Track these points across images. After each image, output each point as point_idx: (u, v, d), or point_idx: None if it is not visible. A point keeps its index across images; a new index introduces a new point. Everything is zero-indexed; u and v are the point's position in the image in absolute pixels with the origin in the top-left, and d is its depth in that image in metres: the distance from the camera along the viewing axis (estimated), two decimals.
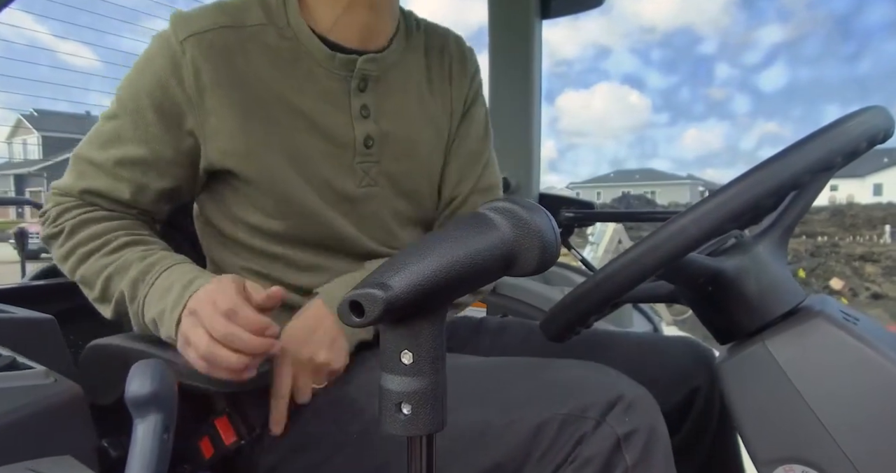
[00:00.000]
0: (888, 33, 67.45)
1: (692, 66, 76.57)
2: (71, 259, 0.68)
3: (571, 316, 0.56)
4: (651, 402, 0.54)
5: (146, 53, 0.68)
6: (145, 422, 0.37)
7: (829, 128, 0.47)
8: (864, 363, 0.48)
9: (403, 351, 0.32)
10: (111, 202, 0.70)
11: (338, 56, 0.70)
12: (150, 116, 0.67)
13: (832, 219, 16.78)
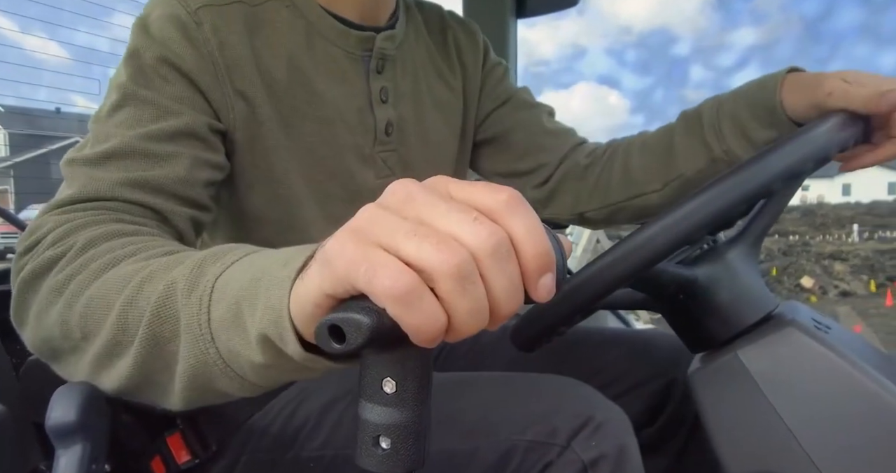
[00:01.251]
0: (857, 37, 70.94)
1: (667, 67, 78.24)
2: (75, 281, 0.41)
3: (539, 327, 0.54)
4: (622, 422, 0.51)
5: (139, 35, 0.56)
6: (68, 453, 0.33)
7: (800, 134, 0.45)
8: (836, 373, 0.47)
9: (386, 379, 0.28)
10: (156, 193, 0.50)
11: (353, 33, 0.64)
12: (169, 89, 0.54)
13: (803, 218, 17.19)
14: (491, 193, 0.26)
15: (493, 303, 0.26)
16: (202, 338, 0.34)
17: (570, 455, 0.48)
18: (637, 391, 0.75)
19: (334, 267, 0.26)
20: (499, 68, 0.82)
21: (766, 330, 0.52)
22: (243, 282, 0.32)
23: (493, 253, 0.25)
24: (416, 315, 0.24)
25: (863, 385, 0.46)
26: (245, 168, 0.60)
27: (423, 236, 0.24)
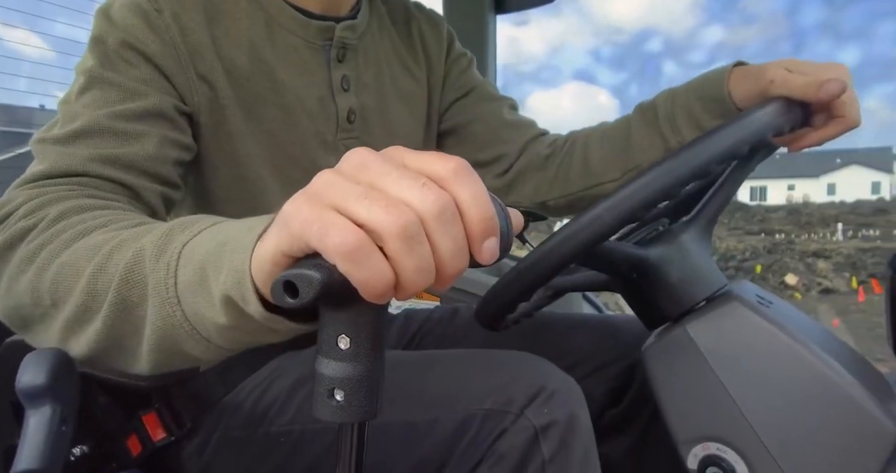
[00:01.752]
0: (820, 33, 73.89)
1: (640, 64, 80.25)
2: (46, 250, 0.43)
3: (499, 304, 0.57)
4: (574, 392, 0.54)
5: (101, 22, 0.57)
6: (38, 414, 0.35)
7: (736, 119, 0.48)
8: (775, 345, 0.50)
9: (341, 336, 0.30)
10: (127, 169, 0.52)
11: (313, 23, 0.65)
12: (134, 72, 0.55)
13: (789, 217, 17.40)
14: (440, 161, 0.28)
15: (439, 263, 0.28)
16: (169, 301, 0.35)
17: (523, 422, 0.50)
18: (602, 372, 0.77)
19: (290, 226, 0.28)
20: (463, 59, 0.84)
21: (713, 306, 0.55)
22: (209, 247, 0.34)
23: (439, 215, 0.27)
24: (365, 271, 0.26)
25: (799, 355, 0.49)
26: (210, 150, 0.62)
27: (373, 199, 0.26)
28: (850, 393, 0.46)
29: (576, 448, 0.51)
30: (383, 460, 0.55)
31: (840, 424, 0.46)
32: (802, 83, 0.53)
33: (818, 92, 0.52)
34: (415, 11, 0.81)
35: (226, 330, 0.35)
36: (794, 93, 0.53)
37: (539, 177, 0.81)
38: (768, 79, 0.56)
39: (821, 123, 0.57)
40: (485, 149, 0.82)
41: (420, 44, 0.79)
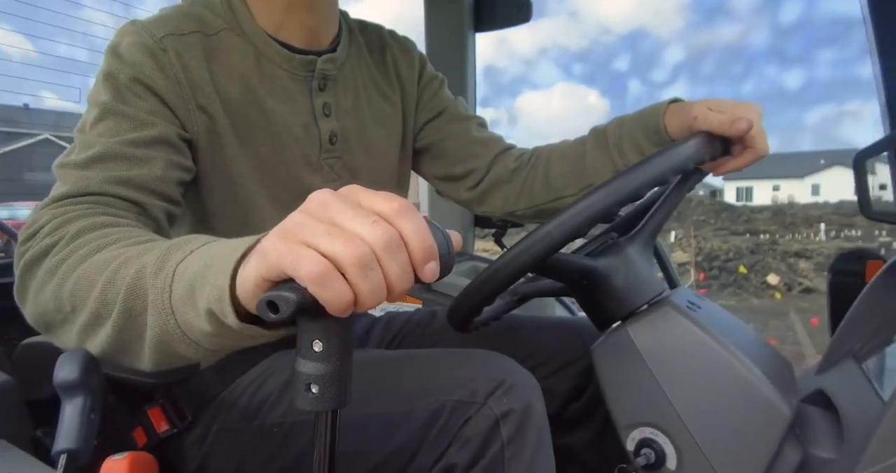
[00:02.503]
0: (766, 58, 77.07)
1: (609, 80, 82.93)
2: (66, 263, 0.49)
3: (466, 309, 0.64)
4: (530, 385, 0.62)
5: (112, 59, 0.64)
6: (72, 403, 0.43)
7: (662, 151, 0.57)
8: (698, 344, 0.58)
9: (315, 341, 0.36)
10: (137, 189, 0.59)
11: (297, 57, 0.73)
12: (142, 104, 0.62)
13: (774, 217, 17.61)
14: (387, 201, 0.35)
15: (389, 284, 0.35)
16: (164, 311, 0.42)
17: (486, 411, 0.58)
18: (565, 370, 0.85)
19: (268, 258, 0.35)
20: (434, 81, 0.91)
21: (651, 310, 0.63)
22: (198, 267, 0.41)
23: (386, 247, 0.34)
24: (329, 292, 0.33)
25: (717, 352, 0.57)
26: (207, 172, 0.69)
27: (334, 235, 0.33)
28: (755, 384, 0.55)
29: (531, 432, 0.59)
30: (366, 447, 0.63)
31: (746, 410, 0.55)
32: (719, 120, 0.62)
33: (731, 128, 0.61)
34: (389, 40, 0.88)
35: (210, 337, 0.41)
36: (713, 128, 0.63)
37: (507, 190, 0.89)
38: (693, 116, 0.65)
39: (738, 153, 0.66)
40: (457, 165, 0.90)
41: (394, 70, 0.87)
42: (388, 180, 0.86)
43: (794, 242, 12.49)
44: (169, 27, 0.66)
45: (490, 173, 0.89)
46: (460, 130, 0.90)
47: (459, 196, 0.93)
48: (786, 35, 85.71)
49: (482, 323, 0.75)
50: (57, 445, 0.41)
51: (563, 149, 0.85)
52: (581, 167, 0.81)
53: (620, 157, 0.76)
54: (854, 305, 0.69)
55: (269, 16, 0.71)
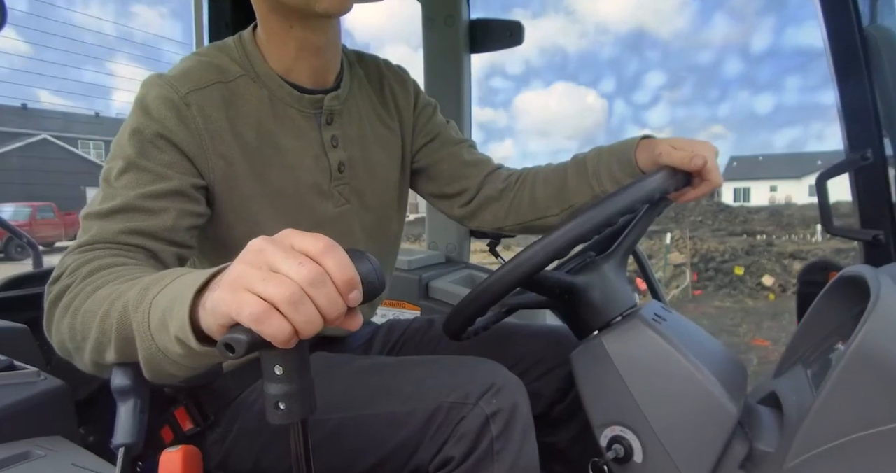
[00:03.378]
0: (740, 84, 78.51)
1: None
2: (77, 300, 0.58)
3: (461, 320, 0.72)
4: (517, 386, 0.70)
5: (139, 114, 0.71)
6: (126, 405, 0.51)
7: (630, 184, 0.65)
8: (660, 352, 0.67)
9: (276, 366, 0.42)
10: (149, 237, 0.66)
11: (306, 97, 0.80)
12: (163, 157, 0.69)
13: (771, 218, 17.68)
14: (313, 242, 0.41)
15: (322, 312, 0.40)
16: (146, 338, 0.49)
17: (477, 410, 0.67)
18: (551, 375, 0.93)
19: (218, 308, 0.41)
20: (428, 108, 0.99)
21: (622, 322, 0.72)
22: (167, 301, 0.48)
23: (312, 283, 0.39)
24: (269, 328, 0.39)
25: (676, 360, 0.66)
26: (225, 211, 0.76)
27: (268, 279, 0.39)
28: (708, 387, 0.63)
29: (517, 428, 0.68)
30: (374, 443, 0.71)
31: (700, 410, 0.63)
32: (680, 157, 0.71)
33: (689, 164, 0.71)
34: (385, 71, 0.95)
35: (184, 357, 0.48)
36: (675, 163, 0.72)
37: (496, 207, 0.97)
38: (658, 153, 0.74)
39: (697, 184, 0.75)
40: (450, 184, 0.98)
41: (392, 99, 0.94)
42: (391, 199, 0.94)
43: (790, 243, 12.58)
44: (192, 82, 0.73)
45: (481, 192, 0.98)
46: (453, 153, 0.98)
47: (453, 212, 1.01)
48: (756, 62, 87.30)
49: (475, 332, 0.83)
50: (115, 440, 0.50)
51: (546, 174, 0.93)
52: (563, 191, 0.90)
53: (598, 184, 0.85)
54: (805, 316, 0.78)
55: (281, 60, 0.79)
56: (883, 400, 0.51)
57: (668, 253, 10.75)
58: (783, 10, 78.94)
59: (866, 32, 1.03)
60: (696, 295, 9.26)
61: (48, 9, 37.86)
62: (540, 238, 0.66)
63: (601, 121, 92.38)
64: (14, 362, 0.64)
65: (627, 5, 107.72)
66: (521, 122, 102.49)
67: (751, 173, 36.37)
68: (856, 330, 0.53)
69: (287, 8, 0.73)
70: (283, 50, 0.78)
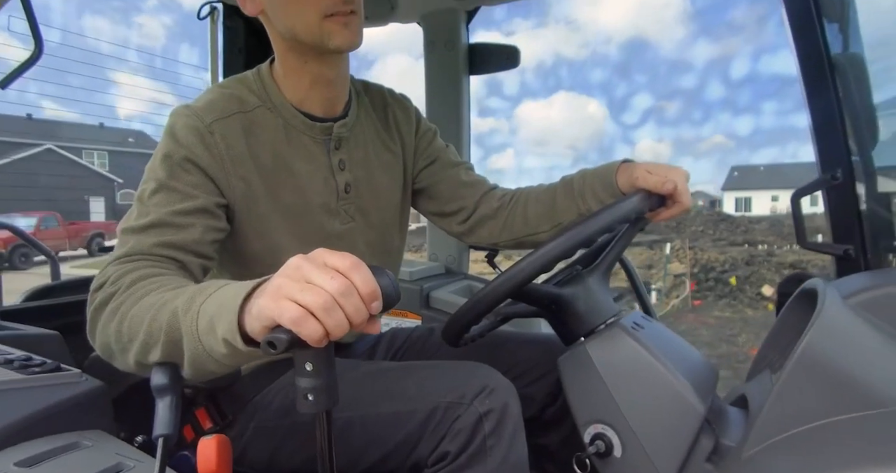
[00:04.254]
0: (722, 106, 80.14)
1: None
2: (123, 306, 0.64)
3: (457, 328, 0.80)
4: (508, 388, 0.78)
5: (169, 141, 0.79)
6: (163, 401, 0.58)
7: (609, 206, 0.73)
8: (638, 358, 0.74)
9: (307, 363, 0.49)
10: (179, 250, 0.73)
11: (318, 125, 0.88)
12: (190, 178, 0.77)
13: (772, 228, 17.72)
14: (342, 260, 0.50)
15: (349, 318, 0.49)
16: (194, 339, 0.57)
17: (472, 410, 0.74)
18: (543, 380, 1.00)
19: (263, 313, 0.49)
20: (429, 133, 1.07)
21: (604, 330, 0.79)
22: (214, 308, 0.56)
23: (342, 293, 0.48)
24: (306, 330, 0.47)
25: (651, 364, 0.73)
26: (243, 227, 0.84)
27: (305, 290, 0.48)
28: (678, 389, 0.70)
29: (507, 426, 0.75)
30: (379, 439, 0.78)
31: (672, 409, 0.70)
32: (654, 181, 0.80)
33: (662, 188, 0.79)
34: (389, 99, 1.03)
35: (228, 356, 0.56)
36: (649, 187, 0.81)
37: (492, 225, 1.05)
38: (635, 177, 0.82)
39: (670, 205, 0.84)
40: (449, 203, 1.06)
41: (395, 125, 1.02)
42: (392, 217, 1.01)
43: (791, 253, 12.61)
44: (216, 113, 0.81)
45: (477, 211, 1.06)
46: (451, 175, 1.06)
47: (452, 229, 1.09)
48: (736, 87, 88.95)
49: (471, 339, 0.90)
50: (155, 431, 0.57)
51: (537, 194, 1.02)
52: (552, 209, 0.98)
53: (583, 203, 0.93)
54: (774, 325, 0.85)
55: (296, 91, 0.87)
56: (824, 397, 0.58)
57: (668, 263, 10.81)
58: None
59: (834, 59, 1.11)
60: (695, 305, 9.30)
61: (77, 39, 38.35)
62: (528, 254, 0.73)
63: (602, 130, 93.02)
64: (60, 364, 0.72)
65: (627, 14, 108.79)
66: (521, 133, 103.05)
67: (752, 183, 36.46)
68: (801, 337, 0.60)
69: (303, 45, 0.82)
70: (299, 82, 0.87)
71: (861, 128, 1.12)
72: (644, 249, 11.86)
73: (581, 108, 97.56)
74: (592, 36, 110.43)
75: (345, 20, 0.79)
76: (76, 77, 33.00)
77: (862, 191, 1.12)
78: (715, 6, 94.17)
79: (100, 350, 0.68)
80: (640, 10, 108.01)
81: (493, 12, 1.61)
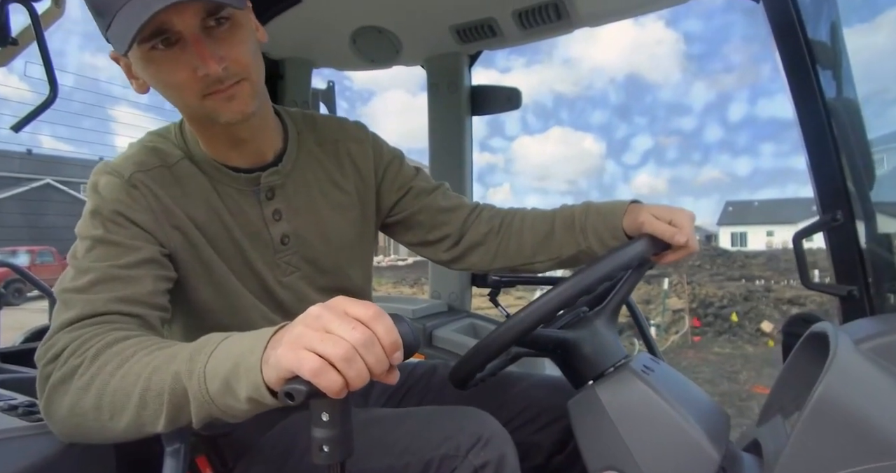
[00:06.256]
0: (719, 148, 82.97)
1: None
2: (97, 380, 0.60)
3: (465, 372, 0.79)
4: (503, 437, 0.74)
5: (95, 197, 0.76)
6: (172, 446, 0.57)
7: (611, 252, 0.74)
8: (649, 402, 0.73)
9: (323, 413, 0.49)
10: (134, 304, 0.70)
11: (242, 176, 0.84)
12: (126, 232, 0.74)
13: (768, 263, 17.75)
14: (364, 310, 0.49)
15: (370, 369, 0.48)
16: (205, 402, 0.55)
17: (467, 463, 0.71)
18: (551, 427, 0.96)
19: (281, 364, 0.49)
20: (394, 162, 1.01)
21: (614, 373, 0.78)
22: (228, 367, 0.54)
23: (364, 344, 0.47)
24: (325, 382, 0.46)
25: (664, 409, 0.72)
26: (189, 276, 0.81)
27: (325, 340, 0.47)
28: (692, 435, 0.69)
29: None
30: None
31: (686, 455, 0.69)
32: (661, 229, 0.81)
33: (672, 239, 0.80)
34: (340, 134, 0.97)
35: (250, 412, 0.55)
36: (656, 233, 0.81)
37: (482, 251, 1.02)
38: (640, 221, 0.83)
39: (675, 249, 0.84)
40: (432, 232, 1.02)
41: (349, 160, 0.96)
42: (349, 259, 0.96)
43: (789, 289, 12.60)
44: (136, 165, 0.78)
45: (465, 237, 1.02)
46: (428, 203, 1.01)
47: (438, 257, 1.05)
48: (734, 130, 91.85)
49: (481, 380, 0.89)
50: None
51: (532, 220, 0.99)
52: (550, 241, 0.97)
53: (584, 241, 0.93)
54: (782, 369, 0.84)
55: (215, 147, 0.83)
56: (841, 446, 0.57)
57: (666, 299, 10.77)
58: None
59: (830, 105, 1.14)
60: (695, 342, 9.23)
61: (92, 83, 39.41)
62: (529, 303, 0.73)
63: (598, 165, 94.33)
64: None
65: (621, 52, 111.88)
66: (518, 165, 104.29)
67: (746, 218, 36.74)
68: (816, 384, 0.60)
69: (200, 119, 0.79)
70: (214, 141, 0.83)
71: (859, 171, 1.14)
72: (642, 284, 11.82)
73: (576, 143, 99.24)
74: (587, 72, 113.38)
75: (227, 94, 0.73)
76: (81, 117, 33.58)
77: (864, 231, 1.13)
78: (710, 53, 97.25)
79: (68, 431, 0.64)
80: (634, 47, 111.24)
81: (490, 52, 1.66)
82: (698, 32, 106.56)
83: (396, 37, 1.60)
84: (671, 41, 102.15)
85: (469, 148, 1.77)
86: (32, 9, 1.01)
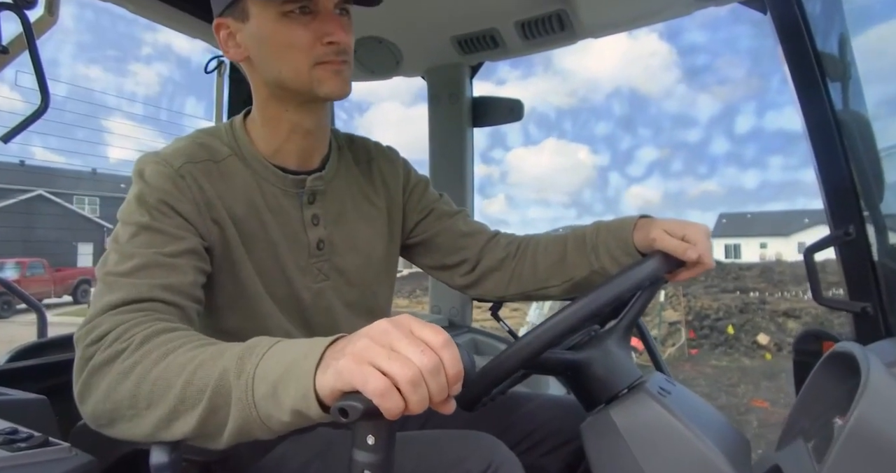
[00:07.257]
0: (726, 161, 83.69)
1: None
2: (139, 367, 0.58)
3: (473, 394, 0.76)
4: (513, 464, 0.72)
5: (141, 185, 0.75)
6: None
7: (624, 270, 0.71)
8: (667, 425, 0.70)
9: (369, 435, 0.45)
10: (177, 293, 0.68)
11: (289, 177, 0.85)
12: (171, 221, 0.73)
13: (763, 275, 17.79)
14: (434, 334, 0.47)
15: (431, 396, 0.46)
16: (248, 406, 0.52)
17: None
18: (560, 450, 0.94)
19: (343, 376, 0.46)
20: (420, 185, 1.03)
21: (629, 395, 0.75)
22: (279, 371, 0.50)
23: (431, 371, 0.45)
24: (388, 403, 0.44)
25: (681, 432, 0.69)
26: (218, 273, 0.79)
27: (393, 359, 0.45)
28: (714, 460, 0.66)
29: None
30: None
31: None
32: (674, 245, 0.78)
33: (684, 255, 0.77)
34: (374, 153, 1.00)
35: (288, 425, 0.52)
36: (668, 250, 0.78)
37: (498, 277, 1.01)
38: (652, 237, 0.80)
39: (690, 265, 0.80)
40: (449, 256, 1.02)
41: (380, 178, 0.98)
42: (376, 274, 0.96)
43: (783, 301, 12.62)
44: (185, 157, 0.78)
45: (481, 262, 1.01)
46: (449, 226, 1.02)
47: (454, 282, 1.04)
48: (741, 142, 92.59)
49: (490, 399, 0.85)
50: None
51: (546, 244, 0.98)
52: (563, 263, 0.95)
53: (596, 260, 0.91)
54: (802, 389, 0.81)
55: (270, 142, 0.84)
56: None
57: (661, 311, 10.75)
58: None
59: (839, 117, 1.12)
60: (692, 354, 9.20)
61: (86, 93, 39.56)
62: (538, 325, 0.70)
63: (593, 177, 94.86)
64: (49, 438, 0.66)
65: (615, 65, 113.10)
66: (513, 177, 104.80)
67: (740, 230, 36.93)
68: (851, 409, 0.57)
69: (287, 92, 0.80)
70: (275, 132, 0.84)
71: (869, 183, 1.12)
72: None
73: (571, 155, 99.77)
74: (581, 83, 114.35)
75: (336, 68, 0.78)
76: (74, 128, 33.55)
77: (876, 247, 1.11)
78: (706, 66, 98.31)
79: (98, 415, 0.61)
80: (627, 59, 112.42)
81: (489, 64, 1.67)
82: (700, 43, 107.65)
83: (397, 47, 1.58)
84: (664, 52, 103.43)
85: (470, 160, 1.74)
86: (24, 16, 0.98)
